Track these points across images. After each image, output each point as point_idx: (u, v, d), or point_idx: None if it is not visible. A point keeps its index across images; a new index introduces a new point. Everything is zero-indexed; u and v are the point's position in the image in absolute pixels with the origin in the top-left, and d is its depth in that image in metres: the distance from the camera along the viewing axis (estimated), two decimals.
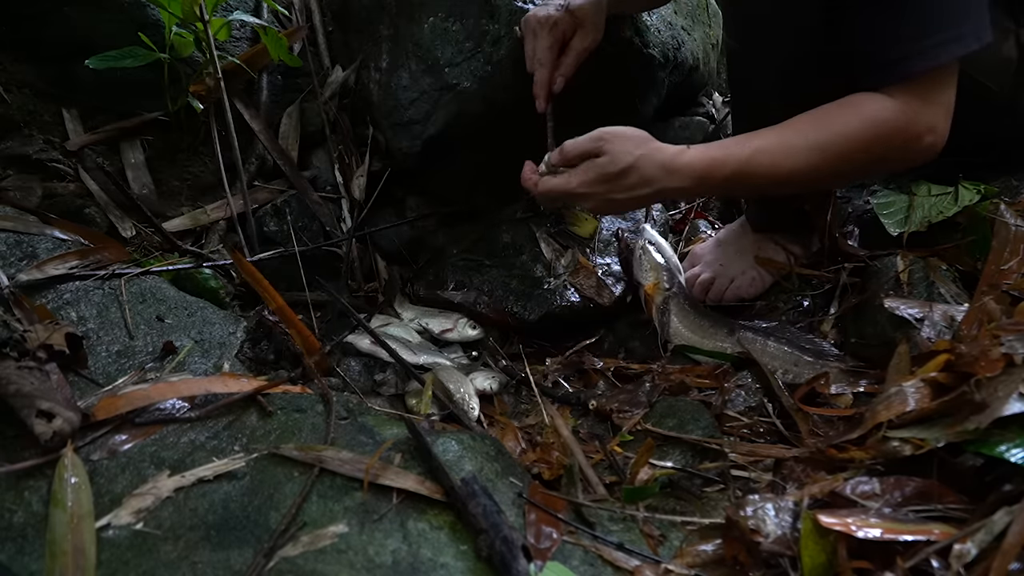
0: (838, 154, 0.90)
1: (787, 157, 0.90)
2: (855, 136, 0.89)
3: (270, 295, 1.01)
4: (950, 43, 0.86)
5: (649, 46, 1.37)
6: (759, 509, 0.65)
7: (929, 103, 0.89)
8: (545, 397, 1.04)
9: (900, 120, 0.89)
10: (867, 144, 0.89)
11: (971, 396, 0.66)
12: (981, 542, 0.57)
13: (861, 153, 0.90)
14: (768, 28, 0.99)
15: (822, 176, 0.92)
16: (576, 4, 1.09)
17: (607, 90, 1.35)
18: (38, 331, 0.81)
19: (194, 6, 1.11)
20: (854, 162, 0.91)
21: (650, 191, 0.94)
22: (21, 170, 1.16)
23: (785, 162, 0.90)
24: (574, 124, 1.36)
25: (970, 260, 1.01)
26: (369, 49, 1.45)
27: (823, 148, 0.90)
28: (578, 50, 1.11)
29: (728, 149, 0.92)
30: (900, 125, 0.89)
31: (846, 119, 0.90)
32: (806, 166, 0.90)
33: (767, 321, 1.14)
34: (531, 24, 1.11)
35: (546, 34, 1.09)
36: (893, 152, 0.91)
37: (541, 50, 1.10)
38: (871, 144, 0.89)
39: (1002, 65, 1.04)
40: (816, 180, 0.94)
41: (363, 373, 1.10)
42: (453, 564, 0.63)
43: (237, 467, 0.73)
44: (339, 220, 1.39)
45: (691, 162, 0.92)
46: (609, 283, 1.24)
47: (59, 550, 0.61)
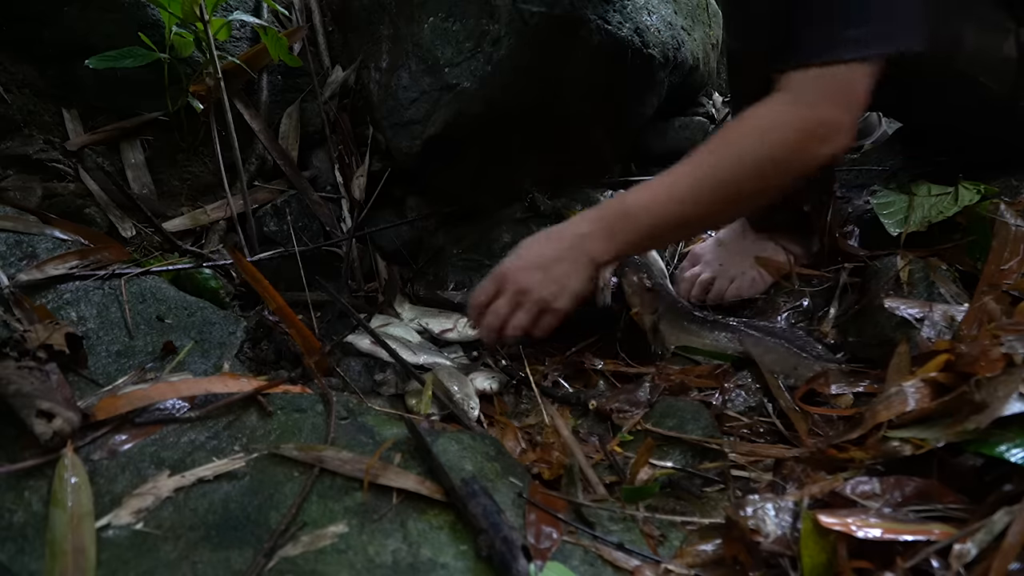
0: (741, 176, 0.90)
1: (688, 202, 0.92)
2: (755, 152, 0.89)
3: (270, 295, 1.01)
4: (858, 41, 0.85)
5: (649, 46, 1.37)
6: (759, 509, 0.65)
7: (827, 98, 0.88)
8: (545, 397, 1.04)
9: (794, 119, 0.88)
10: (766, 155, 0.89)
11: (971, 396, 0.66)
12: (981, 542, 0.57)
13: (762, 166, 0.90)
14: (767, 27, 0.99)
15: (734, 200, 0.93)
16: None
17: (607, 90, 1.35)
18: (38, 331, 0.81)
19: (194, 6, 1.11)
20: (762, 177, 0.91)
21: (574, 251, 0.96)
22: (21, 170, 1.16)
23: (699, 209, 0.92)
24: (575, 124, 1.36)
25: (970, 260, 1.01)
26: (369, 49, 1.45)
27: (734, 181, 0.90)
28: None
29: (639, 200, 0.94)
30: (795, 123, 0.88)
31: (743, 137, 0.91)
32: (723, 202, 0.92)
33: (767, 321, 1.14)
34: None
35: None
36: (793, 153, 0.90)
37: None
38: (770, 153, 0.89)
39: (1002, 65, 1.04)
40: (731, 207, 0.95)
41: (363, 373, 1.10)
42: (453, 564, 0.63)
43: (237, 467, 0.72)
44: (339, 220, 1.39)
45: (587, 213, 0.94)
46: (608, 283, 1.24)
47: (59, 550, 0.61)
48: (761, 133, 0.89)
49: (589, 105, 1.37)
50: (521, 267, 0.98)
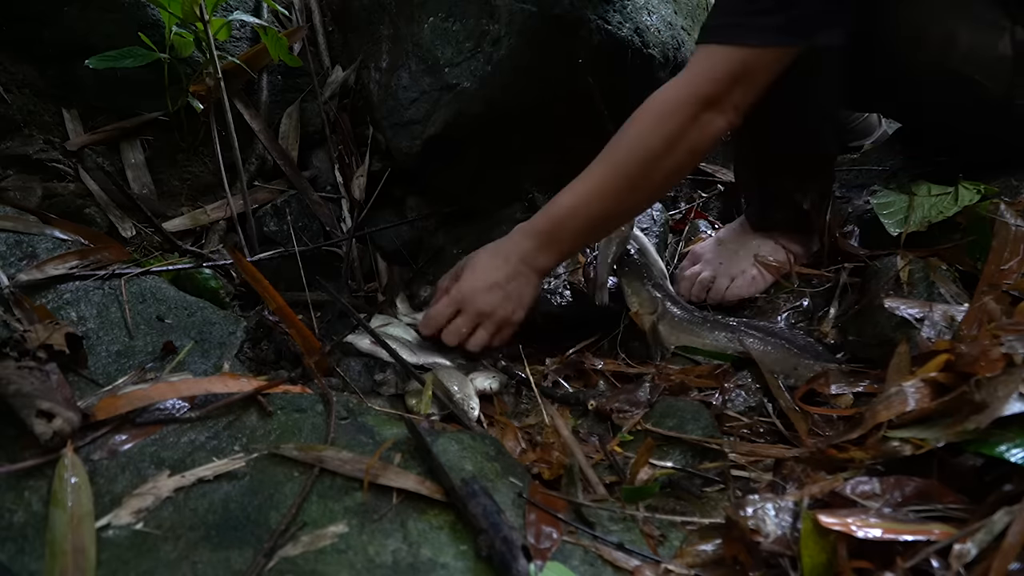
0: (656, 160, 0.93)
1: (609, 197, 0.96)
2: (649, 131, 0.93)
3: (270, 295, 1.01)
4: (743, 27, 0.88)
5: (649, 46, 1.37)
6: (759, 509, 0.65)
7: (729, 78, 0.91)
8: (545, 397, 1.04)
9: (680, 89, 0.91)
10: (657, 133, 0.92)
11: (971, 396, 0.66)
12: (981, 542, 0.57)
13: (657, 147, 0.93)
14: None
15: (657, 182, 0.97)
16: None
17: (607, 90, 1.35)
18: (38, 331, 0.81)
19: (194, 6, 1.11)
20: (673, 156, 0.94)
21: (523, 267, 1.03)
22: (21, 170, 1.16)
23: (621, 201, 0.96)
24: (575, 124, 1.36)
25: (970, 260, 1.01)
26: (369, 49, 1.45)
27: (641, 170, 0.94)
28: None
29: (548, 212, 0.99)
30: (680, 95, 0.91)
31: (631, 128, 0.94)
32: (642, 189, 0.96)
33: (767, 321, 1.14)
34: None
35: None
36: (678, 128, 0.93)
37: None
38: (660, 129, 0.92)
39: (997, 63, 1.04)
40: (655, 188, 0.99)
41: (363, 373, 1.10)
42: (453, 564, 0.63)
43: (237, 467, 0.72)
44: (339, 220, 1.39)
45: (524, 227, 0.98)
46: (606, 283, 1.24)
47: (59, 550, 0.61)
48: (658, 116, 0.92)
49: (589, 105, 1.37)
50: (478, 289, 1.04)
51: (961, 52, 1.02)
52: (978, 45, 1.03)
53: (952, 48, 1.01)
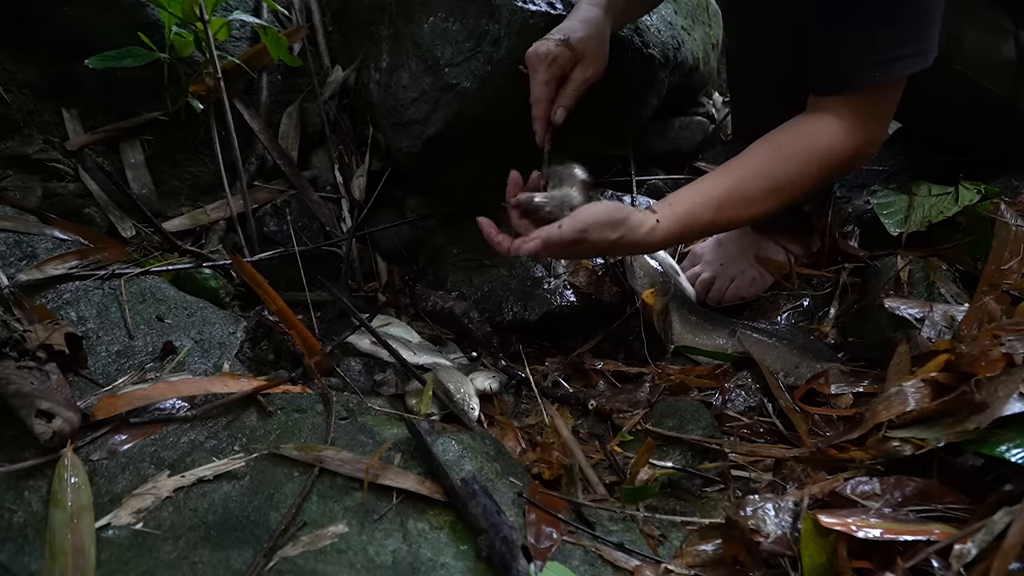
0: (795, 188, 0.94)
1: (749, 206, 0.94)
2: (811, 171, 0.93)
3: (270, 296, 1.01)
4: (900, 60, 0.88)
5: (649, 46, 1.37)
6: (759, 509, 0.65)
7: (873, 117, 0.93)
8: (545, 397, 1.04)
9: (849, 143, 0.92)
10: (820, 173, 0.94)
11: (971, 396, 0.66)
12: (981, 542, 0.57)
13: (814, 182, 0.94)
14: (765, 28, 0.99)
15: (781, 206, 0.97)
16: (577, 37, 1.07)
17: (606, 91, 1.34)
18: (38, 331, 0.81)
19: (194, 6, 1.11)
20: (808, 190, 0.96)
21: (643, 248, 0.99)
22: (21, 170, 1.16)
23: (747, 210, 0.94)
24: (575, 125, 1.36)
25: (970, 260, 1.01)
26: (369, 49, 1.45)
27: (782, 187, 0.93)
28: (578, 81, 1.08)
29: (694, 214, 0.94)
30: (849, 148, 0.92)
31: (800, 155, 0.93)
32: (765, 208, 0.94)
33: (767, 321, 1.14)
34: (531, 60, 1.08)
35: (543, 69, 1.06)
36: (841, 170, 0.97)
37: (538, 85, 1.07)
38: (824, 172, 0.94)
39: (1002, 66, 1.04)
40: (775, 211, 0.98)
41: (363, 373, 1.10)
42: (453, 564, 0.63)
43: (237, 467, 0.72)
44: (339, 220, 1.39)
45: (663, 238, 0.94)
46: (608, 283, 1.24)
47: (59, 550, 0.61)
48: (821, 155, 0.93)
49: (589, 106, 1.36)
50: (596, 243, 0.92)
51: (964, 55, 1.02)
52: (982, 48, 1.03)
53: (956, 51, 1.01)
